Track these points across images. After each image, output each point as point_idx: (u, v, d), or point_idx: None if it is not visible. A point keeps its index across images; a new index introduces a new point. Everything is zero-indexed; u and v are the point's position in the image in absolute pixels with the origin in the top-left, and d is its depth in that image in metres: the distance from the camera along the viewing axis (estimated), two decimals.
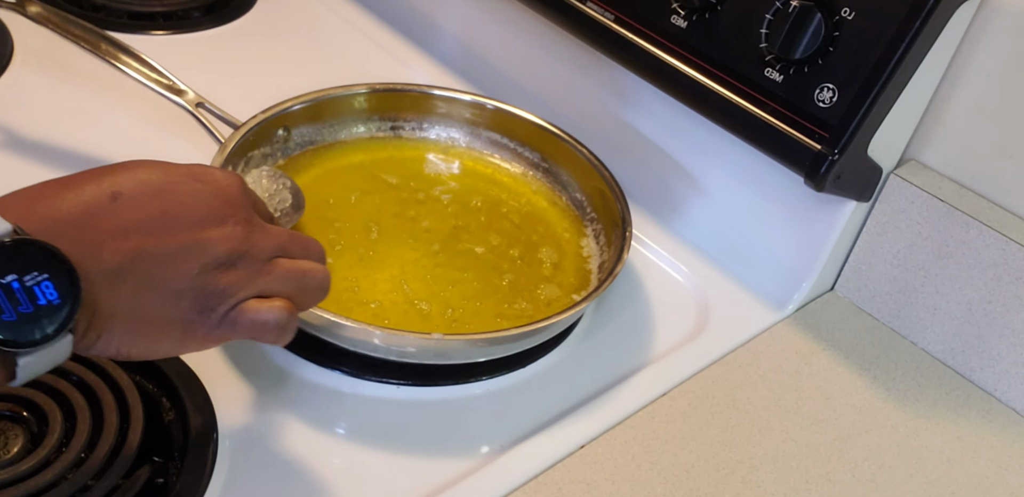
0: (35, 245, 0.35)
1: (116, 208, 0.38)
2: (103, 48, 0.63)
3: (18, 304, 0.34)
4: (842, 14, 0.54)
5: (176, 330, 0.40)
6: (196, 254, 0.39)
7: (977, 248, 0.60)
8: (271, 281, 0.42)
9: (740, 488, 0.54)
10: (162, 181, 0.40)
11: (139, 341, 0.39)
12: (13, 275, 0.34)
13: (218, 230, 0.40)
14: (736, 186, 0.67)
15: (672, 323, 0.65)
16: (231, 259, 0.40)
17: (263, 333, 0.41)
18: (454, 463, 0.53)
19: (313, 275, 0.44)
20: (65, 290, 0.35)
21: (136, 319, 0.38)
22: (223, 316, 0.40)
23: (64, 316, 0.35)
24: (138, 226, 0.38)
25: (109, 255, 0.37)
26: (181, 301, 0.39)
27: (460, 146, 0.72)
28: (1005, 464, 0.58)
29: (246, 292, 0.41)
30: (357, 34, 0.86)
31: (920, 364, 0.64)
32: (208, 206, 0.40)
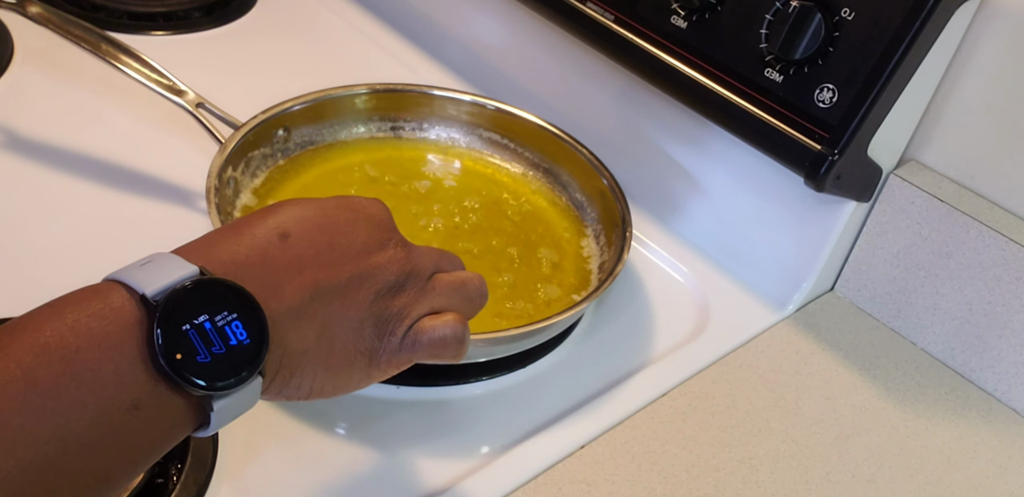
0: (223, 285, 0.35)
1: (287, 247, 0.38)
2: (103, 48, 0.63)
3: (211, 345, 0.33)
4: (842, 14, 0.54)
5: (363, 360, 0.40)
6: (369, 281, 0.40)
7: (977, 248, 0.60)
8: (437, 297, 0.42)
9: (740, 488, 0.54)
10: (320, 215, 0.40)
11: (333, 377, 0.39)
12: (205, 315, 0.33)
13: (382, 255, 0.40)
14: (736, 186, 0.67)
15: (672, 323, 0.65)
16: (399, 282, 0.41)
17: (444, 349, 0.42)
18: (454, 463, 0.53)
19: (472, 283, 0.44)
20: (255, 329, 0.35)
21: (328, 354, 0.38)
22: (402, 338, 0.41)
23: (257, 356, 0.35)
24: (311, 261, 0.38)
25: (291, 293, 0.37)
26: (363, 330, 0.39)
27: (460, 146, 0.72)
28: (1005, 464, 0.58)
29: (418, 311, 0.41)
30: (357, 34, 0.86)
31: (920, 364, 0.64)
32: (367, 233, 0.40)
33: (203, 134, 0.63)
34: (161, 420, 0.33)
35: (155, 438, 0.34)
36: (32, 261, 0.60)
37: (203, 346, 0.33)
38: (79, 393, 0.31)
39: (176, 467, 0.50)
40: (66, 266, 0.59)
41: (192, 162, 0.67)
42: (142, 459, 0.34)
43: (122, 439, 0.32)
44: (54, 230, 0.63)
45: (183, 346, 0.33)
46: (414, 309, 0.41)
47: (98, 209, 0.65)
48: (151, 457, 0.34)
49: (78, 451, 0.31)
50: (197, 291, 0.34)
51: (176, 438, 0.35)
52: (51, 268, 0.60)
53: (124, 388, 0.32)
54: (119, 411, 0.32)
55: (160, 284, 0.33)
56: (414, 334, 0.41)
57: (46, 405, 0.30)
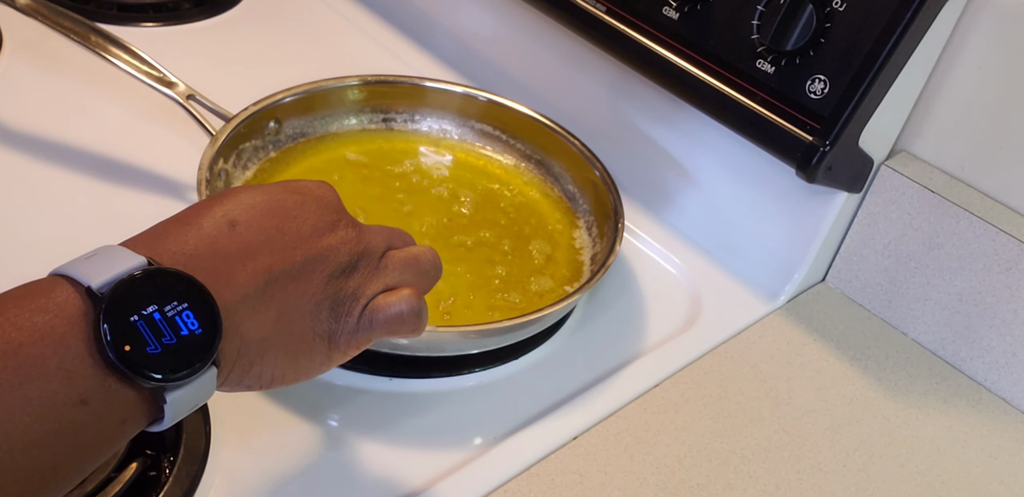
0: (171, 274, 0.34)
1: (236, 234, 0.37)
2: (93, 40, 0.63)
3: (162, 336, 0.33)
4: (833, 5, 0.54)
5: (322, 343, 0.40)
6: (322, 263, 0.39)
7: (967, 239, 0.60)
8: (391, 274, 0.42)
9: (732, 478, 0.54)
10: (267, 201, 0.39)
11: (293, 362, 0.39)
12: (154, 306, 0.33)
13: (332, 236, 0.40)
14: (728, 178, 0.67)
15: (664, 314, 0.65)
16: (352, 262, 0.40)
17: (401, 324, 0.41)
18: (447, 455, 0.53)
19: (424, 257, 0.44)
20: (207, 319, 0.34)
21: (286, 341, 0.38)
22: (359, 318, 0.40)
23: (210, 346, 0.34)
24: (261, 247, 0.37)
25: (244, 281, 0.36)
26: (320, 313, 0.39)
27: (452, 138, 0.72)
28: (995, 453, 0.59)
29: (372, 289, 0.41)
30: (348, 25, 0.86)
31: (911, 354, 0.64)
32: (316, 216, 0.40)
33: (194, 126, 0.63)
34: (111, 415, 0.32)
35: (105, 434, 0.33)
36: (21, 253, 0.60)
37: (153, 337, 0.33)
38: (22, 389, 0.30)
39: (169, 460, 0.50)
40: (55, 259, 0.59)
41: (183, 154, 0.66)
42: (92, 456, 0.33)
43: (70, 435, 0.31)
44: (43, 222, 0.62)
45: (132, 337, 0.32)
46: (368, 288, 0.41)
47: (88, 201, 0.64)
48: (101, 453, 0.33)
49: (23, 448, 0.30)
50: (145, 282, 0.33)
51: (127, 433, 0.34)
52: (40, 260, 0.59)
53: (70, 383, 0.31)
54: (66, 406, 0.31)
55: (106, 276, 0.33)
56: (370, 312, 0.40)
57: None
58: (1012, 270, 0.58)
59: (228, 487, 0.50)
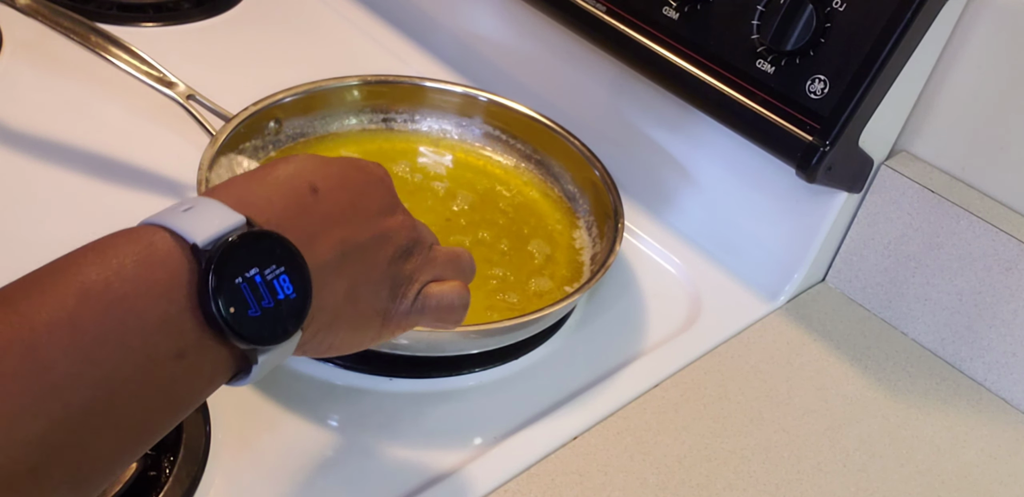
0: (272, 237, 0.34)
1: (319, 201, 0.37)
2: (93, 40, 0.63)
3: (261, 299, 0.33)
4: (833, 6, 0.54)
5: (378, 320, 0.41)
6: (387, 243, 0.40)
7: (967, 239, 0.60)
8: (439, 266, 0.43)
9: (732, 478, 0.54)
10: (339, 173, 0.39)
11: (352, 334, 0.40)
12: (255, 268, 0.33)
13: (394, 219, 0.41)
14: (728, 178, 0.67)
15: (664, 314, 0.65)
16: (408, 247, 0.41)
17: (450, 313, 0.43)
18: (447, 455, 0.53)
19: (464, 256, 0.45)
20: (300, 283, 0.34)
21: (352, 313, 0.39)
22: (412, 301, 0.41)
23: (302, 310, 0.34)
24: (339, 218, 0.38)
25: (324, 248, 0.36)
26: (381, 291, 0.40)
27: (452, 138, 0.72)
28: (995, 453, 0.59)
29: (426, 276, 0.42)
30: (348, 25, 0.86)
31: (911, 354, 0.64)
32: (380, 196, 0.41)
33: (194, 126, 0.63)
34: (204, 369, 0.33)
35: (196, 387, 0.33)
36: (20, 254, 0.60)
37: (254, 300, 0.33)
38: (125, 340, 0.30)
39: (169, 459, 0.50)
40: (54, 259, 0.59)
41: (183, 154, 0.66)
42: (183, 408, 0.33)
43: (166, 387, 0.32)
44: (44, 222, 0.62)
45: (236, 299, 0.32)
46: (423, 274, 0.42)
47: (88, 201, 0.64)
48: (190, 406, 0.34)
49: (124, 398, 0.30)
50: (249, 243, 0.33)
51: (214, 387, 0.34)
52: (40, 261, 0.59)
53: (170, 336, 0.31)
54: (164, 359, 0.31)
55: (209, 233, 0.32)
56: (424, 298, 0.42)
57: (92, 351, 0.30)
58: (1012, 270, 0.58)
59: (228, 487, 0.50)
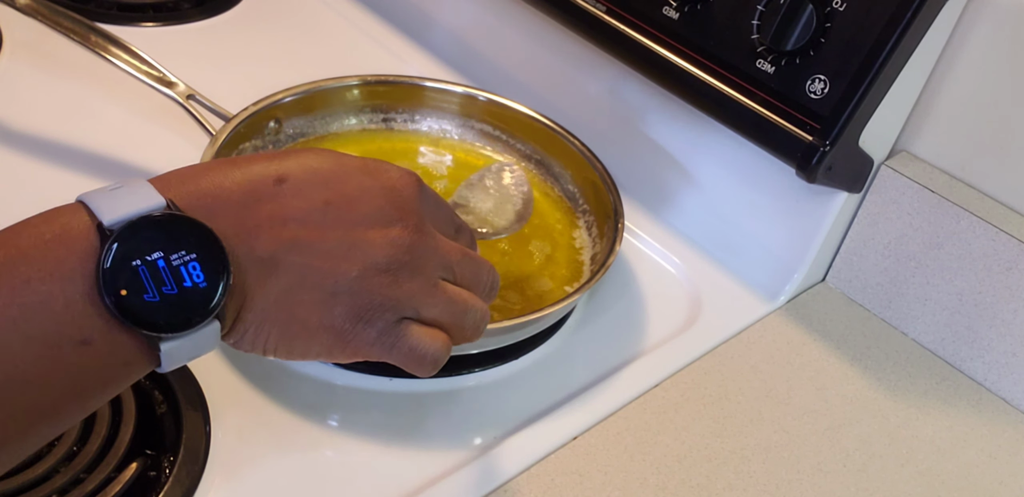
0: (187, 222, 0.32)
1: (279, 193, 0.35)
2: (93, 40, 0.63)
3: (162, 284, 0.31)
4: (833, 5, 0.54)
5: (328, 337, 0.36)
6: (354, 254, 0.36)
7: (967, 239, 0.60)
8: (433, 305, 0.38)
9: (732, 478, 0.54)
10: (333, 171, 0.37)
11: (287, 343, 0.36)
12: (159, 252, 0.31)
13: (381, 232, 0.36)
14: (728, 178, 0.67)
15: (664, 314, 0.65)
16: (390, 267, 0.36)
17: (418, 365, 0.38)
18: (447, 455, 0.53)
19: (473, 313, 0.40)
20: (213, 273, 0.32)
21: (286, 319, 0.36)
22: (380, 333, 0.37)
23: (210, 302, 0.32)
24: (298, 215, 0.35)
25: (264, 243, 0.34)
26: (335, 306, 0.36)
27: (452, 138, 0.72)
28: (995, 453, 0.59)
29: (405, 311, 0.37)
30: (348, 25, 0.86)
31: (911, 354, 0.64)
32: (375, 204, 0.37)
33: (194, 126, 0.63)
34: (114, 357, 0.32)
35: (107, 375, 0.32)
36: None
37: (152, 285, 0.31)
38: (26, 327, 0.30)
39: (169, 460, 0.50)
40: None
41: (183, 154, 0.66)
42: (95, 395, 0.32)
43: (72, 375, 0.31)
44: None
45: (130, 282, 0.31)
46: (402, 307, 0.37)
47: None
48: (106, 393, 0.33)
49: (22, 386, 0.30)
50: (156, 226, 0.32)
51: (132, 375, 0.33)
52: None
53: (74, 323, 0.30)
54: (68, 346, 0.30)
55: (120, 213, 0.32)
56: (398, 337, 0.37)
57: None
58: (1012, 270, 0.59)
59: (228, 487, 0.50)
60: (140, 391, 0.52)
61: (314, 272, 0.35)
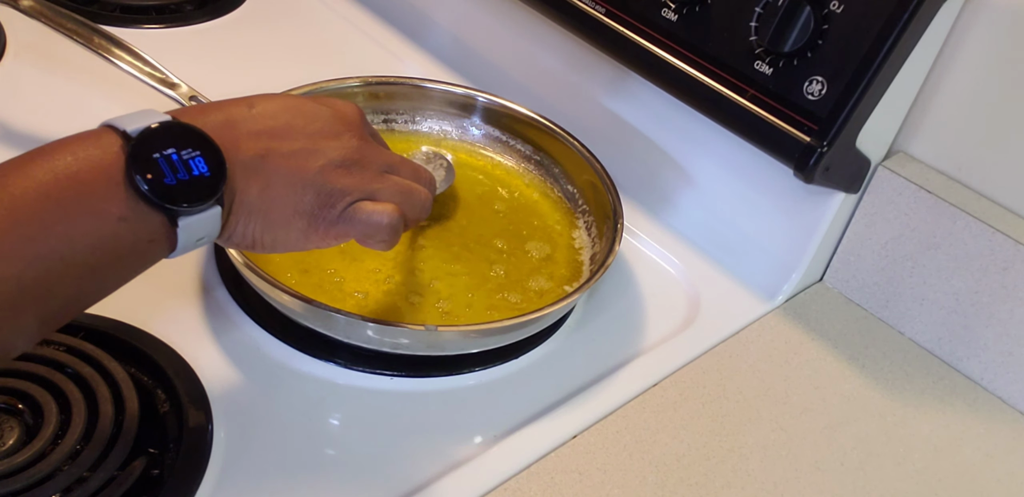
0: (188, 128, 0.41)
1: (252, 115, 0.45)
2: (96, 42, 0.63)
3: (177, 172, 0.40)
4: (831, 7, 0.55)
5: (301, 221, 0.45)
6: (315, 156, 0.46)
7: (964, 239, 0.60)
8: (382, 190, 0.48)
9: (730, 476, 0.55)
10: (290, 101, 0.47)
11: (271, 230, 0.45)
12: (172, 149, 0.40)
13: (334, 141, 0.47)
14: (726, 178, 0.68)
15: (663, 314, 0.65)
16: (344, 163, 0.46)
17: (376, 230, 0.47)
18: (448, 453, 0.54)
19: (418, 193, 0.50)
20: (214, 165, 0.41)
21: (267, 209, 0.44)
22: (341, 211, 0.46)
23: (215, 186, 0.41)
24: (268, 131, 0.45)
25: (245, 152, 0.43)
26: (304, 195, 0.45)
27: (452, 139, 0.72)
28: (991, 452, 0.59)
29: (360, 193, 0.47)
30: (349, 27, 0.86)
31: (908, 354, 0.65)
32: (326, 122, 0.47)
33: None
34: (142, 232, 0.40)
35: (138, 250, 0.40)
36: None
37: (170, 171, 0.40)
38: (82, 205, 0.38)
39: (171, 458, 0.50)
40: None
41: None
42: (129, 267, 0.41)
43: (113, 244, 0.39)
44: None
45: (153, 169, 0.39)
46: (357, 190, 0.47)
47: None
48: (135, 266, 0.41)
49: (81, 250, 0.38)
50: (166, 131, 0.41)
51: (155, 253, 0.41)
52: None
53: (113, 202, 0.39)
54: (111, 221, 0.39)
55: (139, 124, 0.40)
56: (352, 211, 0.46)
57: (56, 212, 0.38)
58: (1008, 270, 0.59)
59: (229, 486, 0.50)
60: (143, 390, 0.53)
61: (285, 171, 0.45)
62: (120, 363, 0.53)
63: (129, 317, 0.56)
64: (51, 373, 0.52)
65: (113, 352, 0.53)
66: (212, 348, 0.57)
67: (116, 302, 0.57)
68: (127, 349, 0.55)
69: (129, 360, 0.54)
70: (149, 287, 0.59)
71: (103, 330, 0.55)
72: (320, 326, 0.56)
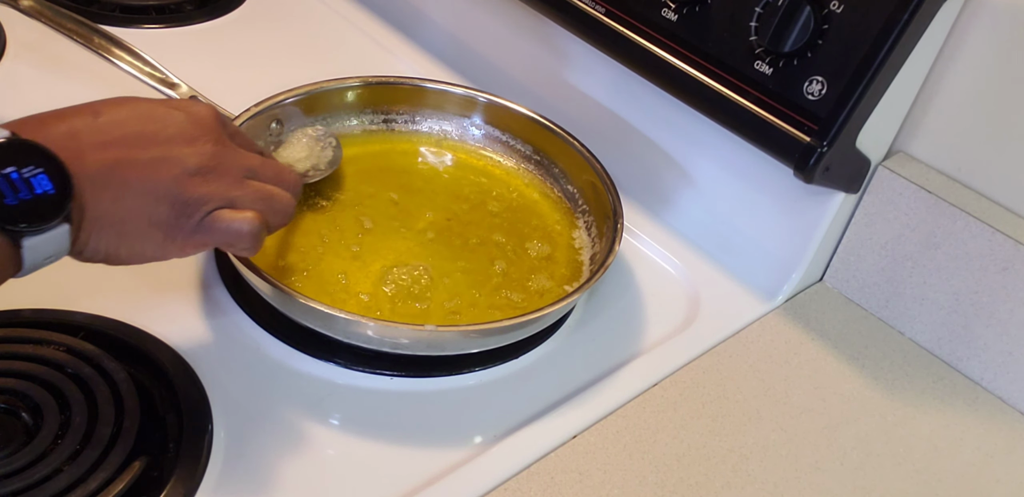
0: (29, 144, 0.40)
1: (98, 125, 0.43)
2: (96, 42, 0.63)
3: (18, 191, 0.39)
4: (831, 7, 0.55)
5: (157, 233, 0.44)
6: (168, 164, 0.44)
7: (964, 239, 0.60)
8: (242, 197, 0.47)
9: (730, 476, 0.55)
10: (140, 105, 0.45)
11: (124, 242, 0.44)
12: (12, 167, 0.39)
13: (189, 147, 0.45)
14: (726, 178, 0.68)
15: (663, 314, 0.65)
16: (201, 171, 0.45)
17: (237, 239, 0.46)
18: (448, 453, 0.54)
19: (280, 198, 0.49)
20: (59, 181, 0.40)
21: (120, 221, 0.43)
22: (199, 221, 0.45)
23: (60, 204, 0.40)
24: (117, 140, 0.43)
25: (91, 164, 0.42)
26: (159, 206, 0.44)
27: (452, 139, 0.72)
28: (991, 452, 0.59)
29: (218, 202, 0.46)
30: (349, 27, 0.86)
31: (908, 354, 0.65)
32: (180, 127, 0.45)
33: None
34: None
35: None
36: None
37: (10, 191, 0.39)
38: None
39: (171, 460, 0.50)
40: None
41: None
42: None
43: None
44: None
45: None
46: (214, 199, 0.45)
47: None
48: None
49: None
50: (5, 148, 0.39)
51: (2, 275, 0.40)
52: None
53: None
54: None
55: None
56: (211, 219, 0.45)
57: None
58: (1008, 270, 0.59)
59: (229, 487, 0.50)
60: (143, 391, 0.53)
61: (137, 182, 0.43)
62: (120, 363, 0.53)
63: (129, 317, 0.56)
64: (51, 373, 0.52)
65: (113, 352, 0.53)
66: (212, 348, 0.57)
67: (116, 302, 0.57)
68: (127, 349, 0.55)
69: (129, 360, 0.54)
70: (149, 287, 0.59)
71: (103, 330, 0.55)
72: (320, 326, 0.56)
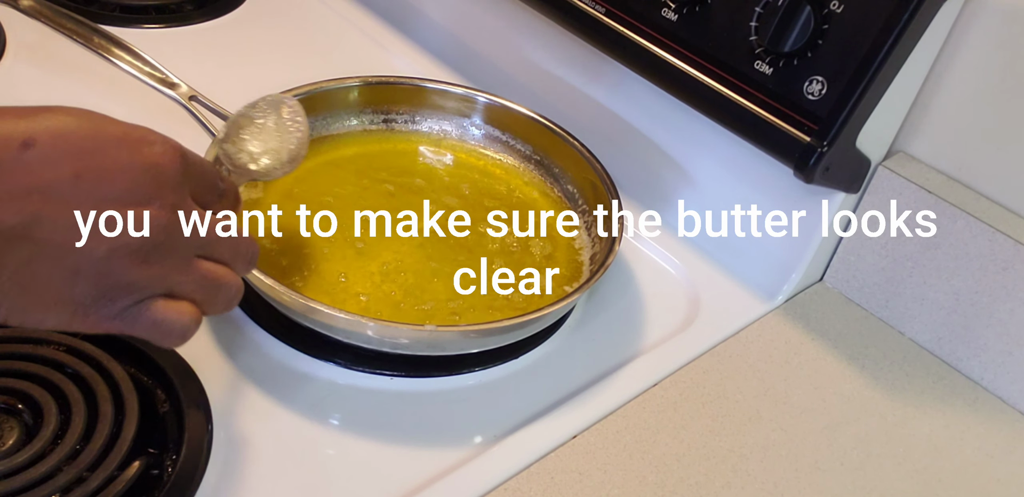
0: None
1: (24, 161, 0.33)
2: (96, 41, 0.63)
3: None
4: (831, 7, 0.55)
5: (65, 311, 0.36)
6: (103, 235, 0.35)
7: (964, 239, 0.60)
8: (185, 283, 0.38)
9: (730, 476, 0.55)
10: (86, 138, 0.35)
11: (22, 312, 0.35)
12: None
13: (136, 212, 0.35)
14: (726, 178, 0.68)
15: (663, 314, 0.65)
16: (144, 248, 0.36)
17: (163, 337, 0.38)
18: (448, 453, 0.54)
19: (227, 289, 0.40)
20: None
21: (22, 290, 0.34)
22: (123, 310, 0.36)
23: None
24: (43, 187, 0.33)
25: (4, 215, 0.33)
26: (76, 284, 0.35)
27: (452, 138, 0.72)
28: (991, 452, 0.59)
29: (154, 290, 0.37)
30: (349, 27, 0.87)
31: (908, 354, 0.65)
32: (132, 180, 0.35)
33: (196, 127, 0.63)
34: None
35: None
36: None
37: None
38: None
39: (171, 458, 0.50)
40: None
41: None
42: None
43: None
44: None
45: None
46: (150, 287, 0.37)
47: None
48: None
49: None
50: None
51: None
52: None
53: None
54: None
55: None
56: (139, 311, 0.37)
57: None
58: (1008, 270, 0.59)
59: (229, 485, 0.50)
60: (143, 390, 0.53)
61: (55, 248, 0.34)
62: (120, 363, 0.53)
63: None
64: (51, 373, 0.51)
65: (113, 352, 0.53)
66: (212, 348, 0.57)
67: None
68: (127, 349, 0.55)
69: (129, 360, 0.54)
70: None
71: None
72: (320, 326, 0.56)
